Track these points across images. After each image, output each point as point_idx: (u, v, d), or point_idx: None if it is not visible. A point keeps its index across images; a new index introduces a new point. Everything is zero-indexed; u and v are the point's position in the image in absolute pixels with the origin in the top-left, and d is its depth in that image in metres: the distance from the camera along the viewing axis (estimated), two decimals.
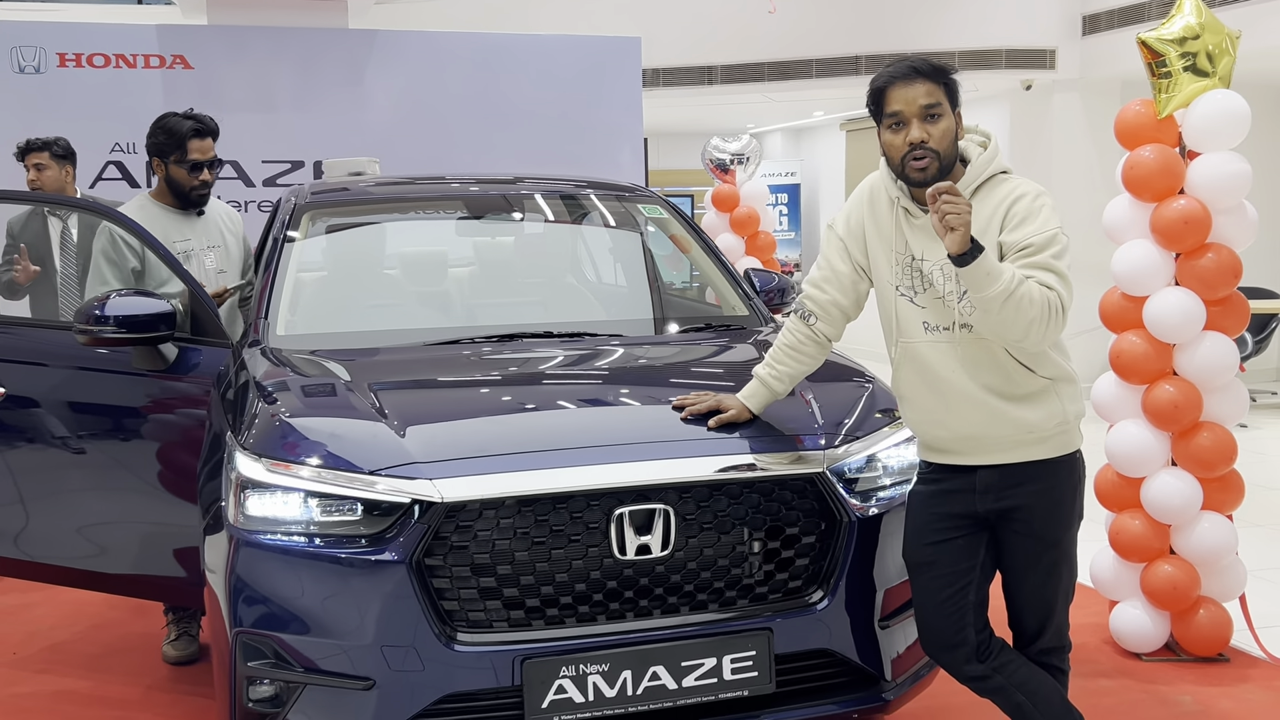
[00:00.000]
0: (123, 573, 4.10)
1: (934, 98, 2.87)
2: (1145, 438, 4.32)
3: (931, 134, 2.86)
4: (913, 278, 2.98)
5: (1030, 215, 2.88)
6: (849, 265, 3.12)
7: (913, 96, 2.86)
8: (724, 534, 3.00)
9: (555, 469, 2.90)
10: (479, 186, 4.62)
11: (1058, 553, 3.02)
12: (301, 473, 2.91)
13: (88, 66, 8.13)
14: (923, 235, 2.97)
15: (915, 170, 2.88)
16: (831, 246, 3.15)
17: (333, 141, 8.51)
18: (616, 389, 3.48)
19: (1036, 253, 2.83)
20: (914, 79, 2.87)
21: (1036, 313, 2.75)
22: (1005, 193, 2.93)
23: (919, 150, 2.86)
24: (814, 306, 3.16)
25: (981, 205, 2.92)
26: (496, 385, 3.48)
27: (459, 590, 2.85)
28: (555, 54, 9.03)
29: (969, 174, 2.95)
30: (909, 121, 2.86)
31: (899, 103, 2.87)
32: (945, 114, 2.88)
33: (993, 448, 2.96)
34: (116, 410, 4.06)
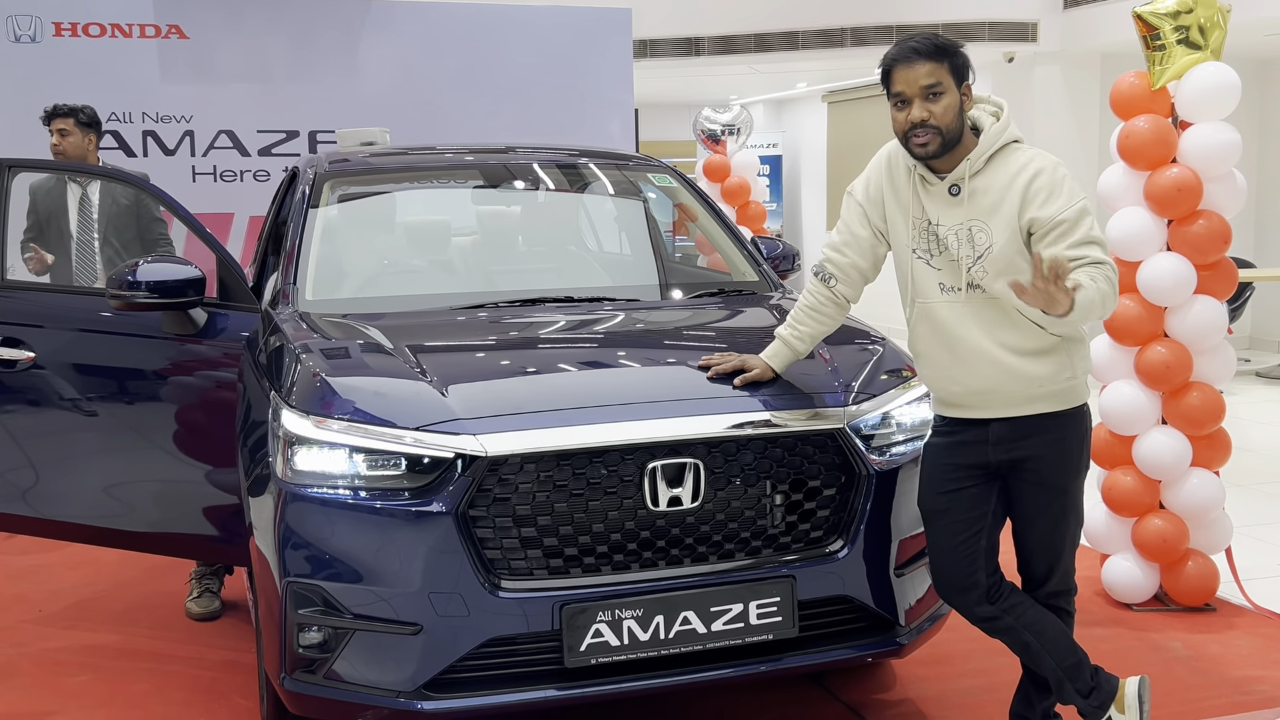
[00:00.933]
0: (152, 531, 4.23)
1: (935, 77, 3.00)
2: (1137, 397, 4.50)
3: (933, 112, 3.00)
4: (929, 241, 3.14)
5: (1054, 190, 3.01)
6: (868, 230, 3.27)
7: (914, 77, 3.00)
8: (750, 487, 3.16)
9: (592, 425, 3.05)
10: (495, 156, 4.74)
11: (1066, 500, 3.19)
12: (349, 429, 3.04)
13: (84, 36, 8.15)
14: (938, 201, 3.12)
15: (917, 146, 3.05)
16: (851, 212, 3.30)
17: (327, 111, 8.56)
18: (642, 350, 3.62)
19: (1073, 229, 2.97)
20: (914, 60, 3.01)
21: (1111, 300, 2.94)
22: (1021, 164, 3.06)
23: (920, 129, 3.02)
24: (834, 269, 3.32)
25: (996, 174, 3.07)
26: (528, 347, 3.62)
27: (501, 540, 3.00)
28: (547, 25, 9.10)
29: (982, 143, 3.09)
30: (911, 100, 3.02)
31: (901, 83, 3.02)
32: (947, 91, 3.01)
33: (1005, 401, 3.12)
34: (140, 373, 4.17)
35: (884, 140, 3.35)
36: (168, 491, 4.13)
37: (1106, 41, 10.21)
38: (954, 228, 3.09)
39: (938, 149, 3.04)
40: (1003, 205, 3.05)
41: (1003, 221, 3.05)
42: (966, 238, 3.07)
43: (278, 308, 3.89)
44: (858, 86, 13.75)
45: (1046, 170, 3.05)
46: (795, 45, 10.95)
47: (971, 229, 3.07)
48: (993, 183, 3.07)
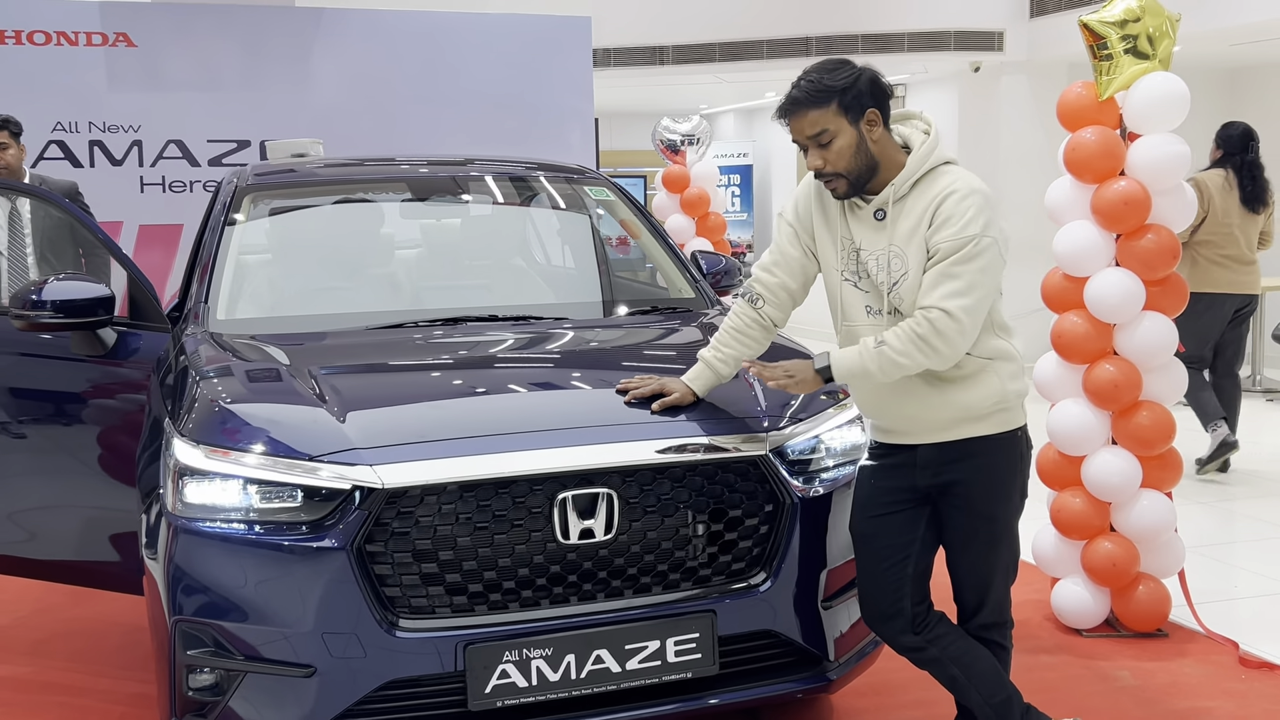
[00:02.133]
0: (54, 559, 4.06)
1: (819, 124, 2.89)
2: (1086, 416, 4.37)
3: (826, 159, 2.91)
4: (856, 264, 3.01)
5: (952, 217, 2.88)
6: (799, 249, 3.15)
7: (800, 127, 2.92)
8: (667, 517, 3.01)
9: (497, 454, 2.90)
10: (425, 168, 4.59)
11: (996, 528, 3.06)
12: (240, 459, 2.89)
13: (28, 44, 7.98)
14: (864, 225, 3.00)
15: (828, 188, 2.97)
16: (783, 233, 3.20)
17: (279, 121, 8.40)
18: (560, 372, 3.48)
19: (942, 259, 2.86)
20: (796, 110, 2.91)
21: (912, 357, 2.86)
22: (940, 188, 2.93)
23: (821, 175, 2.94)
24: (762, 289, 3.18)
25: (918, 199, 2.95)
26: (439, 369, 3.47)
27: (401, 576, 2.85)
28: (504, 33, 8.96)
29: (908, 167, 2.96)
30: (807, 150, 2.94)
31: (794, 132, 2.96)
32: (838, 133, 2.89)
33: (932, 427, 3.00)
34: (57, 395, 4.01)
35: None
36: (76, 517, 3.97)
37: (1074, 51, 10.08)
38: (875, 253, 2.98)
39: (846, 190, 2.96)
40: (917, 231, 2.94)
41: (916, 248, 2.94)
42: (884, 264, 2.96)
43: (188, 327, 3.74)
44: None
45: (956, 194, 2.90)
46: (760, 54, 10.84)
47: (890, 255, 2.95)
48: (914, 207, 2.95)
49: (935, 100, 11.88)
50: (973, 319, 2.87)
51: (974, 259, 2.85)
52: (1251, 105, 11.50)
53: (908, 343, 2.85)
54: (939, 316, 2.83)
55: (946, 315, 2.83)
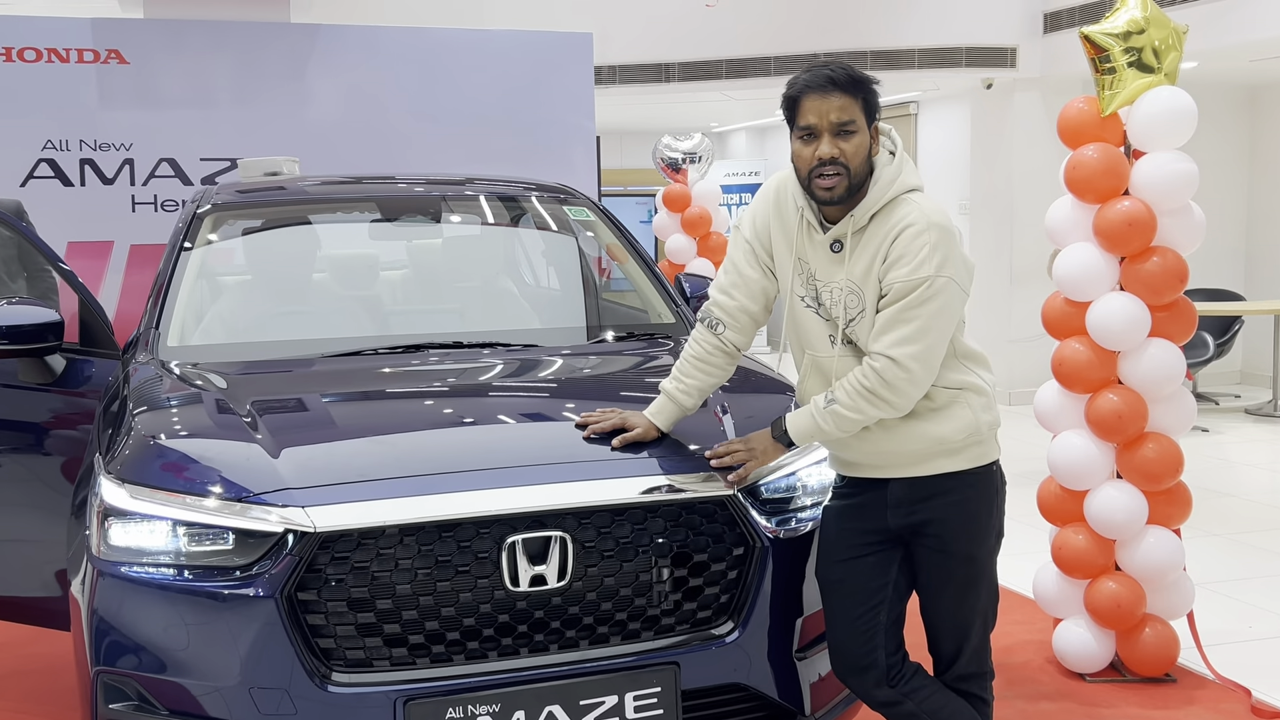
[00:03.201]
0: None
1: (849, 113, 2.68)
2: (1088, 449, 4.15)
3: (844, 150, 2.68)
4: (815, 289, 2.82)
5: (906, 255, 2.68)
6: (757, 269, 2.94)
7: (826, 110, 2.67)
8: (626, 562, 2.80)
9: (441, 494, 2.69)
10: (396, 187, 4.41)
11: (973, 570, 2.86)
12: (167, 499, 2.70)
13: (19, 61, 7.85)
14: (820, 253, 2.82)
15: (822, 189, 2.72)
16: (738, 250, 2.97)
17: (273, 138, 8.25)
18: (518, 405, 3.27)
19: (893, 301, 2.68)
20: (830, 91, 2.67)
21: (863, 411, 2.71)
22: (896, 220, 2.72)
23: (829, 167, 2.68)
24: (721, 314, 2.98)
25: (875, 232, 2.75)
26: (388, 402, 3.27)
27: (335, 626, 2.64)
28: (504, 50, 8.80)
29: (870, 196, 2.75)
30: (821, 135, 2.69)
31: (813, 114, 2.68)
32: (860, 130, 2.70)
33: (903, 461, 2.81)
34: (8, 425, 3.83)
35: None
36: (17, 553, 3.78)
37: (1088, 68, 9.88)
38: (831, 286, 2.79)
39: (843, 193, 2.72)
40: (872, 269, 2.75)
41: (872, 287, 2.75)
42: (840, 299, 2.76)
43: (138, 355, 3.55)
44: None
45: (913, 229, 2.69)
46: (767, 71, 10.63)
47: (846, 291, 2.75)
48: (871, 241, 2.75)
49: (947, 118, 11.67)
50: (924, 365, 2.69)
51: (927, 302, 2.66)
52: (1273, 123, 11.24)
53: (856, 397, 2.69)
54: (885, 366, 2.67)
55: (894, 364, 2.67)
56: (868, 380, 2.67)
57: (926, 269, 2.66)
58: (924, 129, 12.13)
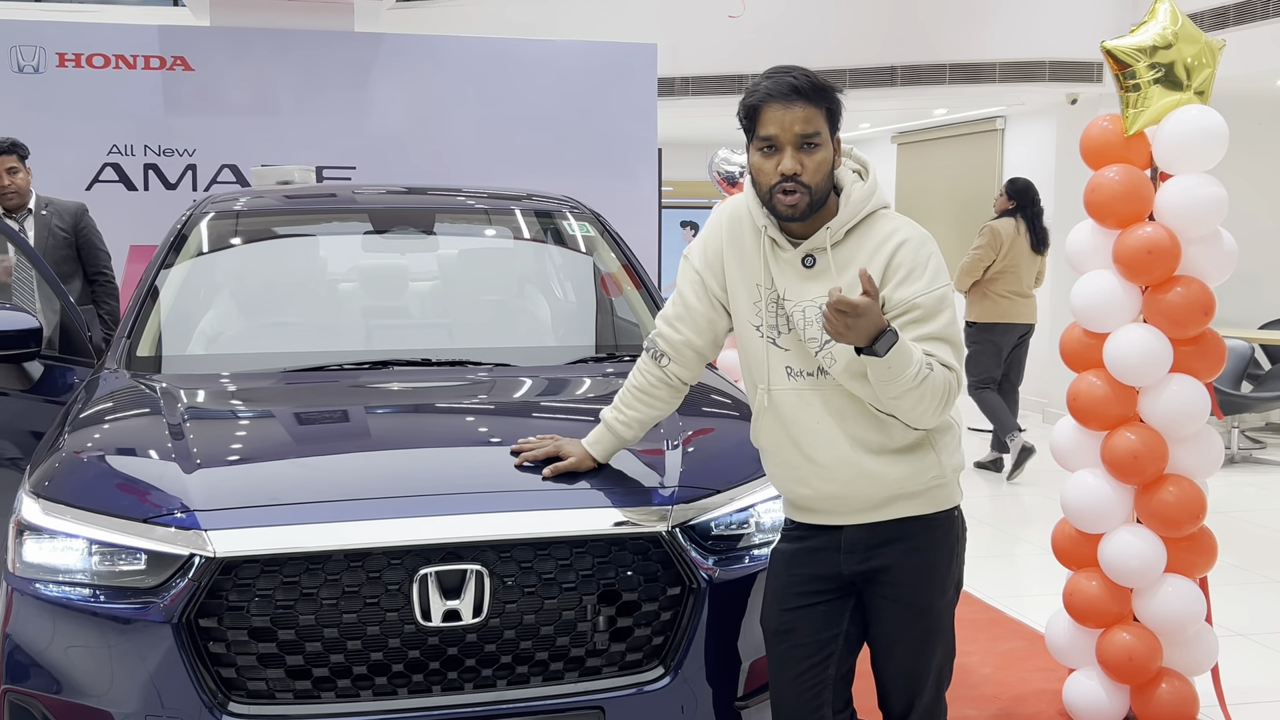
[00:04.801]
0: None
1: (813, 125, 2.51)
2: (1104, 490, 3.88)
3: (806, 166, 2.50)
4: (776, 317, 2.63)
5: (917, 268, 2.54)
6: (705, 301, 2.76)
7: (789, 121, 2.49)
8: (549, 599, 2.66)
9: (350, 522, 2.59)
10: (388, 199, 4.32)
11: (930, 622, 2.66)
12: (78, 516, 2.64)
13: (87, 67, 8.01)
14: (789, 272, 2.61)
15: (784, 205, 2.53)
16: (686, 279, 2.80)
17: (333, 146, 8.32)
18: (460, 429, 3.15)
19: (927, 319, 2.51)
20: (794, 100, 2.50)
21: (937, 401, 2.48)
22: (885, 233, 2.58)
23: (789, 183, 2.50)
24: (665, 346, 2.81)
25: (858, 245, 2.58)
26: (326, 421, 3.17)
27: (236, 655, 2.55)
28: (566, 60, 8.75)
29: (845, 211, 2.58)
30: (783, 148, 2.51)
31: (774, 125, 2.50)
32: (824, 144, 2.52)
33: (859, 506, 2.62)
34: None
35: (953, 183, 2.86)
36: None
37: None
38: (803, 305, 2.58)
39: (805, 210, 2.54)
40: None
41: None
42: (816, 318, 2.57)
43: (106, 364, 3.52)
44: (928, 127, 13.14)
45: (912, 243, 2.56)
46: (841, 84, 10.37)
47: (823, 308, 2.55)
48: (854, 255, 2.57)
49: (1031, 134, 11.30)
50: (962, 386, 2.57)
51: (953, 318, 2.56)
52: None
53: (943, 384, 2.46)
54: (955, 381, 2.51)
55: (959, 381, 2.52)
56: (951, 382, 2.49)
57: (943, 278, 2.55)
58: (1010, 145, 11.76)
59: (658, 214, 8.87)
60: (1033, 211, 8.12)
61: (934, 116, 12.32)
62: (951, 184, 12.50)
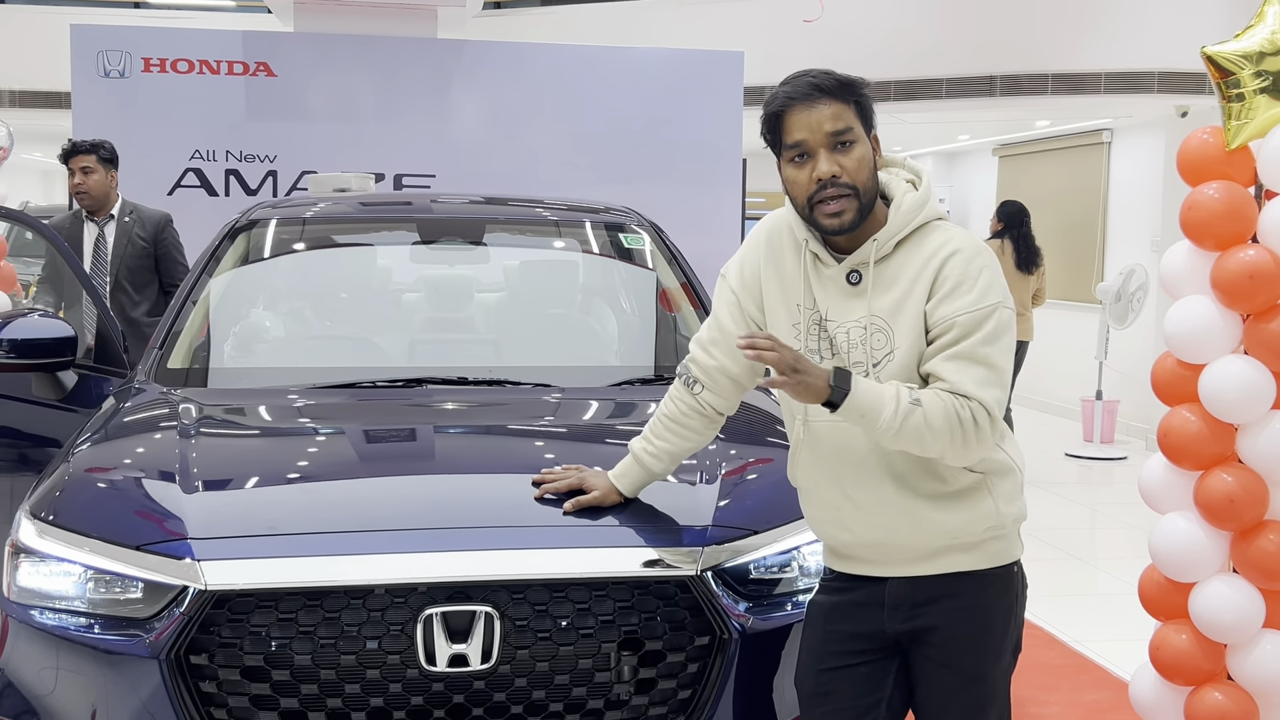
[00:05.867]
0: None
1: (843, 121, 2.27)
2: (1196, 535, 3.55)
3: (845, 166, 2.27)
4: (818, 340, 2.39)
5: (964, 283, 2.28)
6: (741, 324, 2.53)
7: (817, 122, 2.26)
8: (565, 646, 2.45)
9: (351, 556, 2.41)
10: (436, 208, 4.16)
11: (982, 690, 2.40)
12: (73, 541, 2.50)
13: (172, 72, 8.02)
14: (832, 289, 2.37)
15: (828, 216, 2.29)
16: (722, 300, 2.56)
17: (414, 154, 8.24)
18: (482, 456, 2.96)
19: (962, 337, 2.24)
20: (816, 99, 2.26)
21: (943, 438, 2.21)
22: (937, 244, 2.33)
23: (831, 188, 2.26)
24: (698, 372, 2.58)
25: (907, 260, 2.33)
26: (342, 443, 3.00)
27: (228, 695, 2.38)
28: (650, 68, 8.58)
29: (895, 220, 2.34)
30: (815, 153, 2.27)
31: (801, 130, 2.27)
32: (859, 139, 2.29)
33: (906, 556, 2.36)
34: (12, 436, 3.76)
35: (1057, 198, 2.60)
36: None
37: None
38: (847, 326, 2.33)
39: (854, 218, 2.29)
40: (909, 300, 2.30)
41: (908, 321, 2.29)
42: (861, 339, 2.31)
43: (136, 375, 3.41)
44: (1030, 140, 12.71)
45: (963, 255, 2.30)
46: (939, 94, 10.06)
47: (868, 329, 2.31)
48: (902, 271, 2.32)
49: (1138, 147, 10.83)
50: (1000, 416, 2.26)
51: (997, 338, 2.27)
52: None
53: (943, 419, 2.20)
54: (979, 410, 2.22)
55: (985, 411, 2.22)
56: (963, 413, 2.21)
57: (994, 295, 2.28)
58: (1117, 159, 11.30)
59: (740, 226, 8.63)
60: (1020, 233, 8.74)
61: (1036, 128, 11.90)
62: (1055, 198, 12.06)
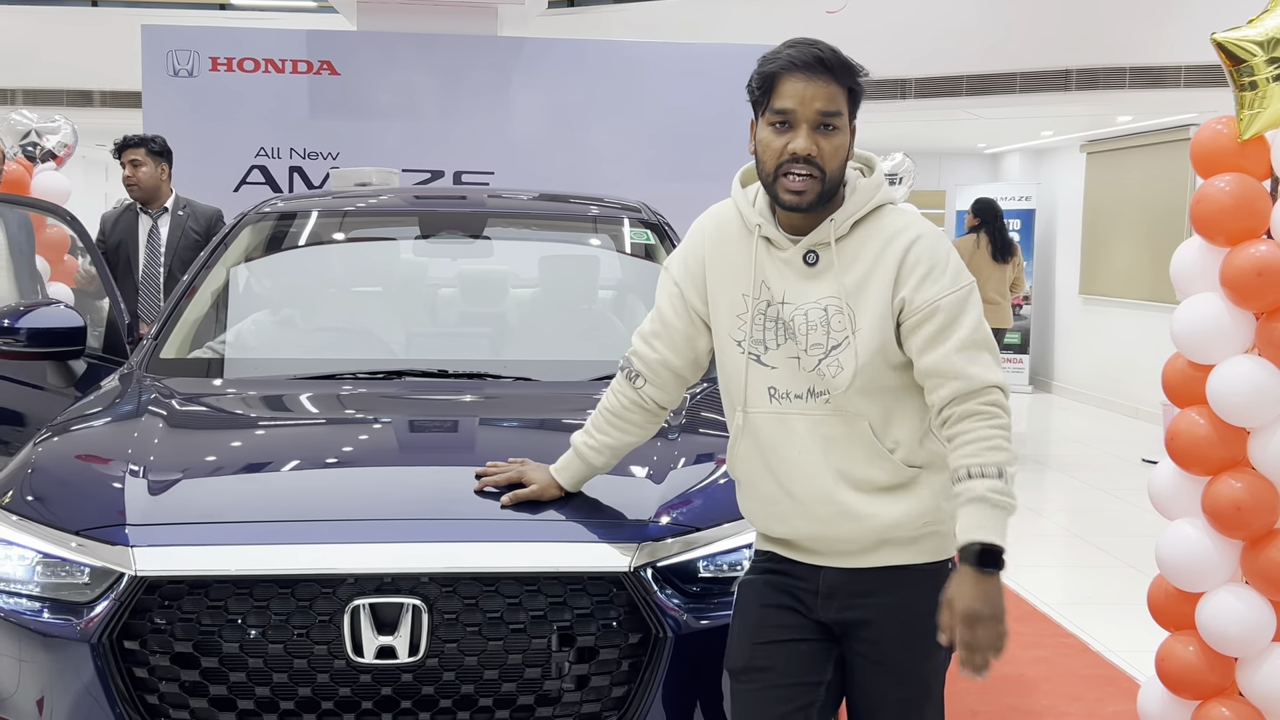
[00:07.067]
0: None
1: (835, 105, 2.24)
2: (1204, 544, 3.40)
3: (821, 149, 2.23)
4: (763, 329, 2.33)
5: (936, 266, 2.26)
6: (684, 317, 2.48)
7: (810, 96, 2.23)
8: (494, 640, 2.43)
9: (281, 545, 2.43)
10: (440, 203, 4.17)
11: (915, 689, 2.34)
12: (20, 525, 2.56)
13: (238, 71, 8.18)
14: (788, 272, 2.33)
15: (789, 191, 2.25)
16: (664, 292, 2.52)
17: (474, 151, 8.29)
18: (432, 449, 2.97)
19: (953, 324, 2.23)
20: (818, 74, 2.23)
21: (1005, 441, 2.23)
22: (896, 227, 2.30)
23: (802, 164, 2.23)
24: (641, 365, 2.54)
25: (865, 240, 2.30)
26: (297, 434, 3.03)
27: (160, 681, 2.41)
28: (712, 64, 8.51)
29: (852, 201, 2.31)
30: (798, 125, 2.24)
31: (792, 99, 2.24)
32: (843, 128, 2.26)
33: (842, 549, 2.32)
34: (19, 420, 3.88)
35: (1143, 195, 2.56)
36: None
37: None
38: (804, 307, 2.30)
39: (814, 200, 2.26)
40: (871, 280, 2.27)
41: (871, 302, 2.27)
42: (820, 321, 2.28)
43: (128, 365, 3.48)
44: (1116, 136, 12.35)
45: (927, 239, 2.28)
46: (1012, 89, 9.84)
47: (828, 310, 2.27)
48: (861, 251, 2.28)
49: None
50: None
51: (981, 315, 2.29)
52: None
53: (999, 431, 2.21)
54: (1000, 397, 2.22)
55: (1002, 393, 2.23)
56: (998, 419, 2.21)
57: (965, 275, 2.29)
58: None
59: None
60: (995, 226, 9.34)
61: (1118, 124, 11.57)
62: (1141, 195, 11.70)
